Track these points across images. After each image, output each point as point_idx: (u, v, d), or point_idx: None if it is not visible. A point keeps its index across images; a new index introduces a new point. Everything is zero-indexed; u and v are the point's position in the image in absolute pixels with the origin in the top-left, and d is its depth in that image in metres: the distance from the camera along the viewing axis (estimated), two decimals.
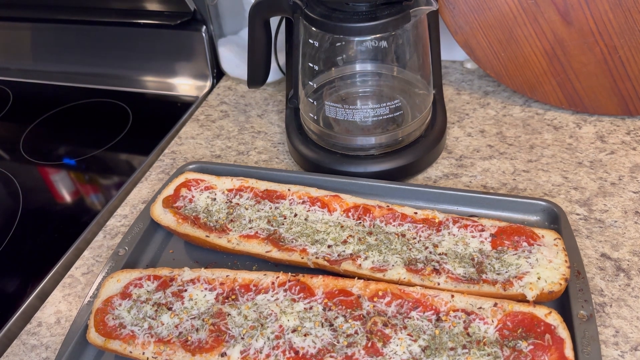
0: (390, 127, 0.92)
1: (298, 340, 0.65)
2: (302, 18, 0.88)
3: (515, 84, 1.04)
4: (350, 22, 0.83)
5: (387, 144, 0.92)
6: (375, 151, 0.92)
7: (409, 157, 0.92)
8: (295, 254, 0.76)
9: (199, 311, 0.70)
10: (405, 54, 0.93)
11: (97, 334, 0.69)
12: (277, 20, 1.03)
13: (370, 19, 0.82)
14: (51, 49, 1.39)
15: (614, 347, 0.68)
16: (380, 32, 0.85)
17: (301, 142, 0.97)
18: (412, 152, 0.93)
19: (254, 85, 1.04)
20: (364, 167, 0.91)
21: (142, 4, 1.28)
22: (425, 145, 0.94)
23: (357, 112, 0.90)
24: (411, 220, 0.79)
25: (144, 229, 0.84)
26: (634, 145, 0.96)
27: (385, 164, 0.91)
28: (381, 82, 0.99)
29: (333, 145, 0.94)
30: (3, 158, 1.14)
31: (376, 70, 0.98)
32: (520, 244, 0.75)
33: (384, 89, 0.99)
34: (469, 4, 1.00)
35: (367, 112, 0.90)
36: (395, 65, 0.96)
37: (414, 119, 0.92)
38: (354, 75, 0.98)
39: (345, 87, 0.98)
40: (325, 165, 0.93)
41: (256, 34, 0.96)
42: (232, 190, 0.86)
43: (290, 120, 1.01)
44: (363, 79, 0.99)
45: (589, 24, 0.95)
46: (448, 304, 0.68)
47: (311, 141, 0.96)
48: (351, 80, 0.98)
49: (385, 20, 0.82)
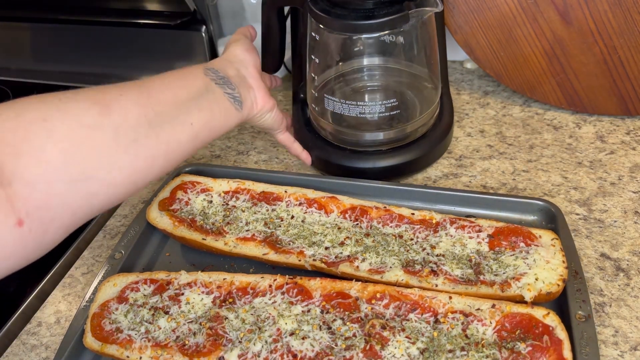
0: (399, 122, 0.91)
1: (296, 344, 0.65)
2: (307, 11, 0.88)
3: (515, 84, 1.04)
4: (349, 19, 0.83)
5: (395, 139, 0.92)
6: (384, 146, 0.92)
7: (417, 152, 0.92)
8: (292, 256, 0.76)
9: (196, 315, 0.70)
10: (414, 49, 0.93)
11: (93, 339, 0.68)
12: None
13: (370, 17, 0.82)
14: (51, 49, 1.39)
15: (613, 347, 0.68)
16: (380, 31, 0.85)
17: (309, 138, 0.97)
18: (420, 146, 0.93)
19: (268, 71, 1.04)
20: (372, 162, 0.91)
21: (142, 4, 1.28)
22: (433, 139, 0.94)
23: (366, 107, 0.90)
24: (408, 221, 0.79)
25: (140, 232, 0.84)
26: (634, 145, 0.96)
27: (393, 159, 0.91)
28: (389, 77, 0.99)
29: (342, 141, 0.94)
30: None
31: (384, 65, 0.98)
32: (517, 244, 0.74)
33: (392, 84, 0.99)
34: (469, 4, 1.00)
35: (376, 107, 0.90)
36: (404, 61, 0.96)
37: (422, 113, 0.92)
38: (361, 70, 0.98)
39: (354, 82, 0.98)
40: (334, 161, 0.93)
41: (269, 22, 0.96)
42: (229, 192, 0.86)
43: (298, 117, 1.01)
44: (371, 73, 0.99)
45: (589, 24, 0.94)
46: (446, 305, 0.68)
47: (319, 137, 0.96)
48: (359, 75, 0.98)
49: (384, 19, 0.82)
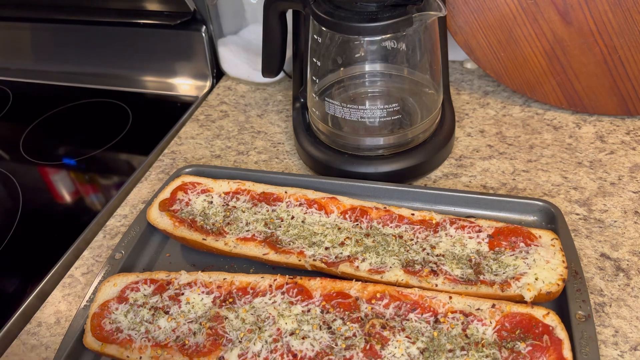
0: (400, 128, 0.91)
1: (296, 344, 0.65)
2: (310, 13, 0.88)
3: (515, 84, 1.04)
4: (351, 21, 0.83)
5: (396, 144, 0.92)
6: (385, 151, 0.92)
7: (418, 157, 0.92)
8: (292, 256, 0.76)
9: (196, 315, 0.70)
10: (416, 55, 0.93)
11: (93, 339, 0.69)
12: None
13: (374, 19, 0.82)
14: (51, 49, 1.39)
15: (613, 347, 0.68)
16: (383, 34, 0.84)
17: (310, 143, 0.97)
18: (422, 152, 0.93)
19: (268, 74, 1.04)
20: (374, 167, 0.91)
21: (142, 4, 1.28)
22: (434, 145, 0.94)
23: (366, 112, 0.90)
24: (408, 221, 0.79)
25: (141, 233, 0.84)
26: (634, 145, 0.96)
27: (395, 164, 0.91)
28: (391, 83, 0.99)
29: (342, 146, 0.93)
30: (3, 158, 1.15)
31: (386, 70, 0.98)
32: (517, 244, 0.74)
33: (393, 90, 0.98)
34: (469, 5, 1.00)
35: (376, 112, 0.90)
36: (406, 67, 0.96)
37: (424, 119, 0.92)
38: (363, 75, 0.98)
39: (355, 87, 0.98)
40: (335, 166, 0.93)
41: (270, 24, 0.96)
42: (229, 193, 0.86)
43: (297, 121, 1.01)
44: (372, 79, 0.99)
45: (589, 24, 0.95)
46: (446, 305, 0.68)
47: (320, 141, 0.96)
48: (360, 80, 0.98)
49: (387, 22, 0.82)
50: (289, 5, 0.94)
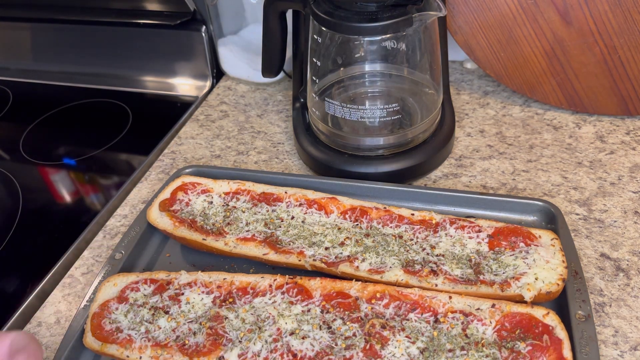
0: (400, 128, 0.91)
1: (296, 343, 0.65)
2: (310, 13, 0.88)
3: (515, 84, 1.04)
4: (351, 21, 0.83)
5: (396, 144, 0.92)
6: (385, 151, 0.92)
7: (418, 157, 0.92)
8: (292, 256, 0.76)
9: (196, 315, 0.70)
10: (416, 55, 0.93)
11: (93, 339, 0.69)
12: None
13: (374, 19, 0.82)
14: (51, 49, 1.39)
15: (613, 347, 0.68)
16: (383, 34, 0.84)
17: (310, 143, 0.97)
18: (422, 152, 0.93)
19: (268, 75, 1.04)
20: (374, 167, 0.91)
21: (142, 4, 1.28)
22: (434, 145, 0.94)
23: (366, 112, 0.90)
24: (408, 221, 0.79)
25: (141, 233, 0.84)
26: (634, 145, 0.96)
27: (395, 164, 0.91)
28: (391, 83, 0.99)
29: (342, 146, 0.93)
30: (3, 158, 1.15)
31: (386, 70, 0.98)
32: (517, 244, 0.74)
33: (393, 90, 0.98)
34: (469, 5, 1.00)
35: (376, 112, 0.90)
36: (405, 66, 0.96)
37: (424, 119, 0.92)
38: (363, 75, 0.98)
39: (355, 87, 0.98)
40: (335, 166, 0.93)
41: (270, 25, 0.96)
42: (229, 193, 0.86)
43: (297, 121, 1.01)
44: (372, 79, 0.99)
45: (589, 24, 0.95)
46: (446, 305, 0.68)
47: (320, 141, 0.96)
48: (360, 80, 0.98)
49: (387, 22, 0.82)
50: (289, 5, 0.94)
